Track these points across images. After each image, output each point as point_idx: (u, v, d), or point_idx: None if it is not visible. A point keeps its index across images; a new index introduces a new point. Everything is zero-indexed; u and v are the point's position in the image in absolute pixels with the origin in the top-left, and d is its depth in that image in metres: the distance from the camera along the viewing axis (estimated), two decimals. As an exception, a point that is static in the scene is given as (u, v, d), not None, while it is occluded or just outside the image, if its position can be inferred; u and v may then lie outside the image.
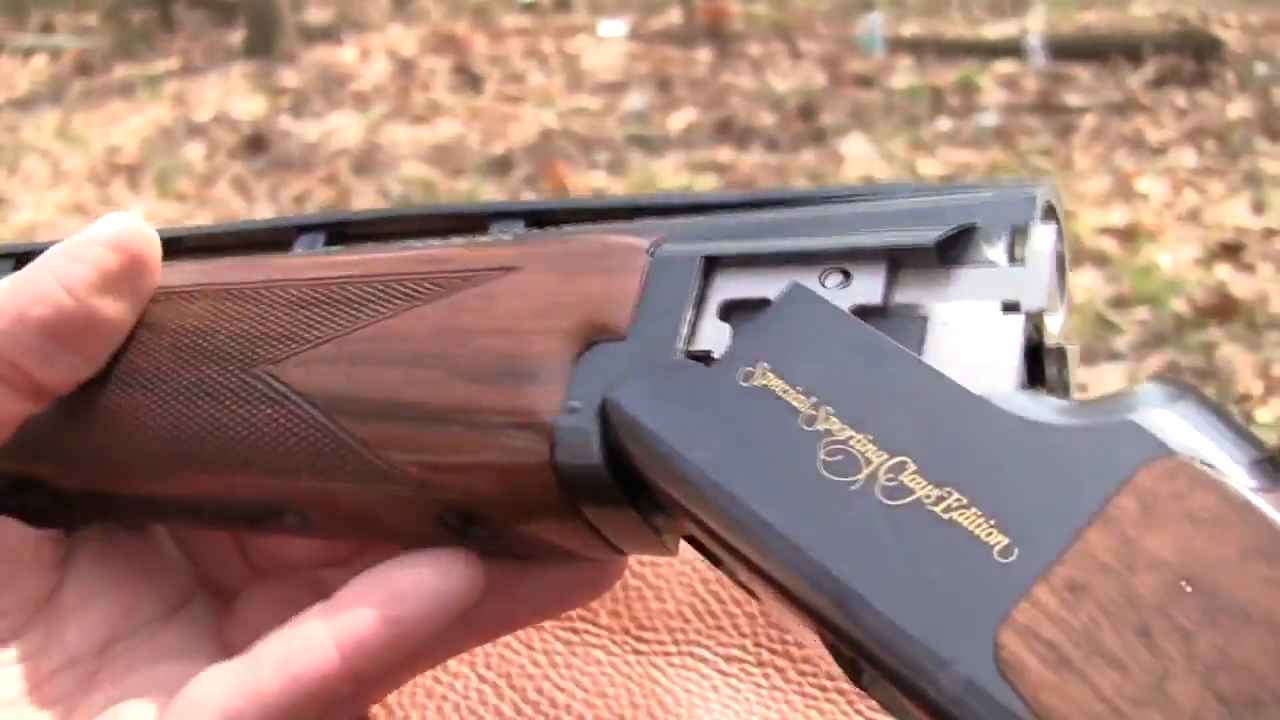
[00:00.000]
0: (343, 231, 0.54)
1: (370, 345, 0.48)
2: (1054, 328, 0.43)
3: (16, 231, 3.66)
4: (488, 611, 0.48)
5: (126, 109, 4.59)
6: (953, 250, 0.43)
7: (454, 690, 0.60)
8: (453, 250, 0.50)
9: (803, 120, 3.87)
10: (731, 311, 0.45)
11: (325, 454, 0.47)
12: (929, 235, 0.43)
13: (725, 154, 3.67)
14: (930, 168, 3.48)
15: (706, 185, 3.46)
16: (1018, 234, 0.43)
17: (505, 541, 0.47)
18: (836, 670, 0.43)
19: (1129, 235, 3.06)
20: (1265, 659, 0.35)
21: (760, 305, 0.44)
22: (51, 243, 0.50)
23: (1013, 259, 0.43)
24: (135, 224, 0.49)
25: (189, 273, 0.52)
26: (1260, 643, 0.35)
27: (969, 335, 0.42)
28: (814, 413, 0.41)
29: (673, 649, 0.60)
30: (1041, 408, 0.40)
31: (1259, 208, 3.22)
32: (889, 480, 0.39)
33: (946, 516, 0.38)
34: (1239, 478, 0.37)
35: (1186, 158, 3.51)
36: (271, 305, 0.50)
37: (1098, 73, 4.09)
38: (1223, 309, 2.75)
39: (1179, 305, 2.77)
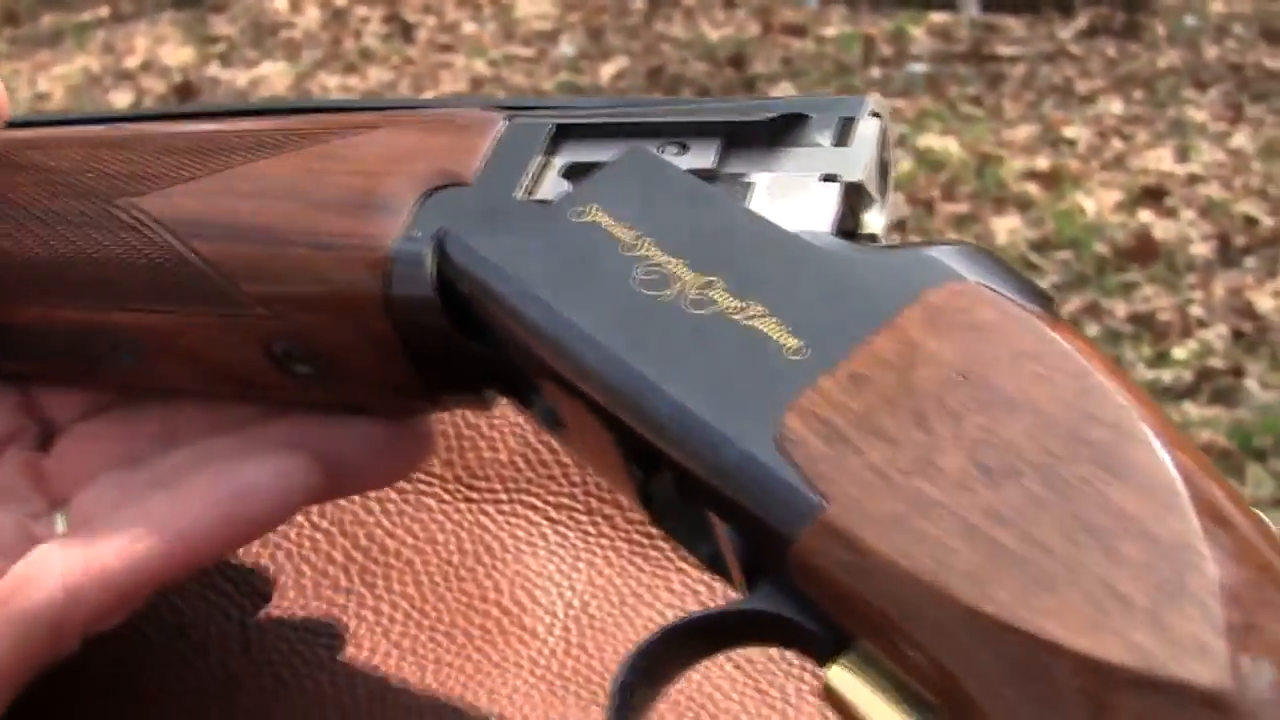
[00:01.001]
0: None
1: (233, 181, 0.50)
2: (872, 222, 0.46)
3: (-59, 178, 3.63)
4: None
5: (54, 57, 4.55)
6: (784, 134, 0.47)
7: (287, 539, 0.60)
8: (319, 116, 0.53)
9: (733, 68, 3.87)
10: (574, 172, 0.48)
11: (172, 276, 0.50)
12: (763, 115, 0.47)
13: (655, 101, 3.66)
14: (859, 115, 3.48)
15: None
16: (845, 124, 0.47)
17: (325, 382, 0.49)
18: None
19: (1053, 180, 3.07)
20: (1027, 438, 0.38)
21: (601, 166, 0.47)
22: None
23: (838, 144, 0.46)
24: None
25: (64, 130, 0.55)
26: (1024, 425, 0.38)
27: (788, 198, 0.45)
28: (635, 242, 0.44)
29: (503, 497, 0.61)
30: (847, 245, 0.44)
31: (1183, 155, 3.23)
32: (696, 294, 0.43)
33: (746, 322, 0.42)
34: (1021, 301, 0.40)
35: (1114, 106, 3.53)
36: (142, 150, 0.52)
37: (1030, 24, 4.10)
38: (1144, 251, 2.76)
39: (1101, 248, 2.79)
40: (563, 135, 0.49)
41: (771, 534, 0.39)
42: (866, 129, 0.46)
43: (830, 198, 0.45)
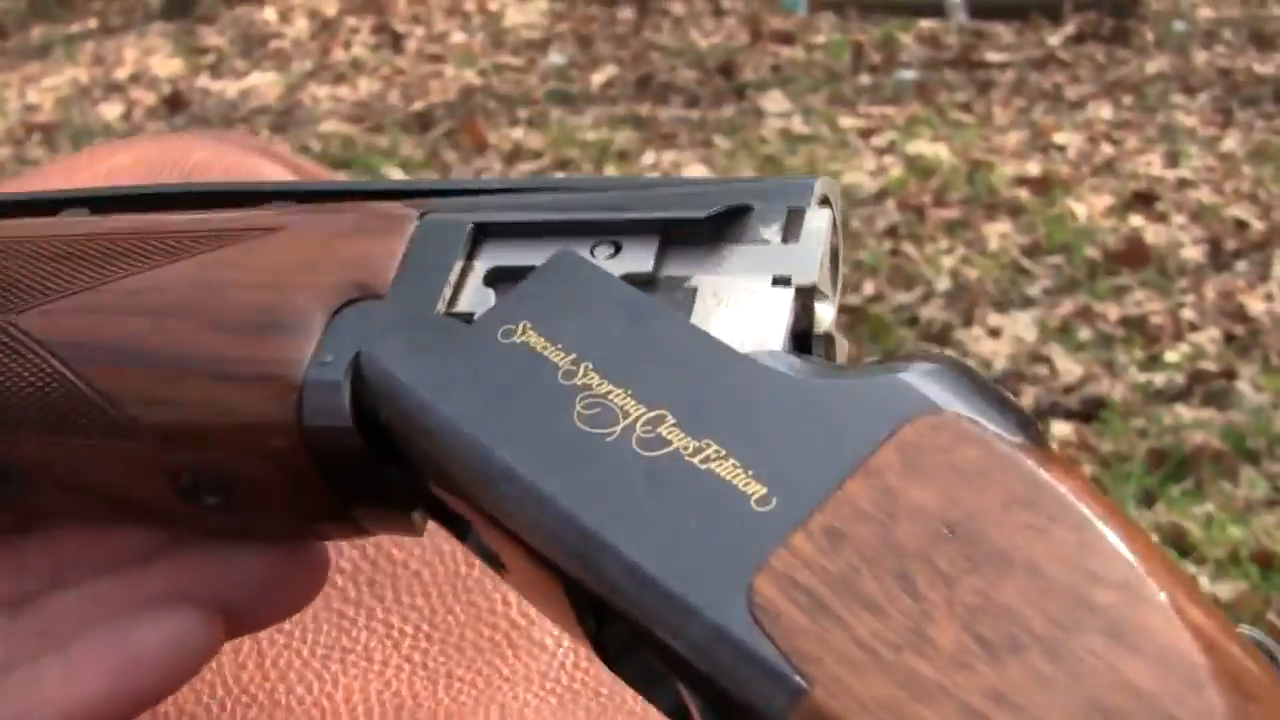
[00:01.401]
0: (109, 208, 0.52)
1: (120, 297, 0.46)
2: (825, 317, 0.43)
3: (-69, 191, 3.63)
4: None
5: (43, 69, 4.55)
6: (727, 228, 0.43)
7: None
8: (215, 214, 0.48)
9: (724, 77, 3.88)
10: (498, 278, 0.43)
11: (59, 405, 0.45)
12: (702, 210, 0.43)
13: (645, 109, 3.67)
14: (850, 121, 3.49)
15: (626, 140, 3.47)
16: (793, 216, 0.43)
17: (238, 514, 0.45)
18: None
19: (1044, 185, 3.08)
20: (1026, 603, 0.34)
21: (528, 272, 0.43)
22: None
23: (786, 240, 0.43)
24: None
25: None
26: (1021, 588, 0.34)
27: (737, 306, 0.41)
28: (573, 368, 0.40)
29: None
30: (807, 367, 0.39)
31: (1173, 160, 3.24)
32: (646, 432, 0.39)
33: (704, 467, 0.37)
34: (1005, 434, 0.36)
35: (1104, 112, 3.53)
36: (18, 257, 0.48)
37: (1019, 30, 4.11)
38: (1135, 256, 2.77)
39: (1092, 252, 2.79)
40: (483, 234, 0.45)
41: (750, 716, 0.35)
42: (817, 221, 0.43)
43: (783, 306, 0.41)
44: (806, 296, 0.41)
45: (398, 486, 0.43)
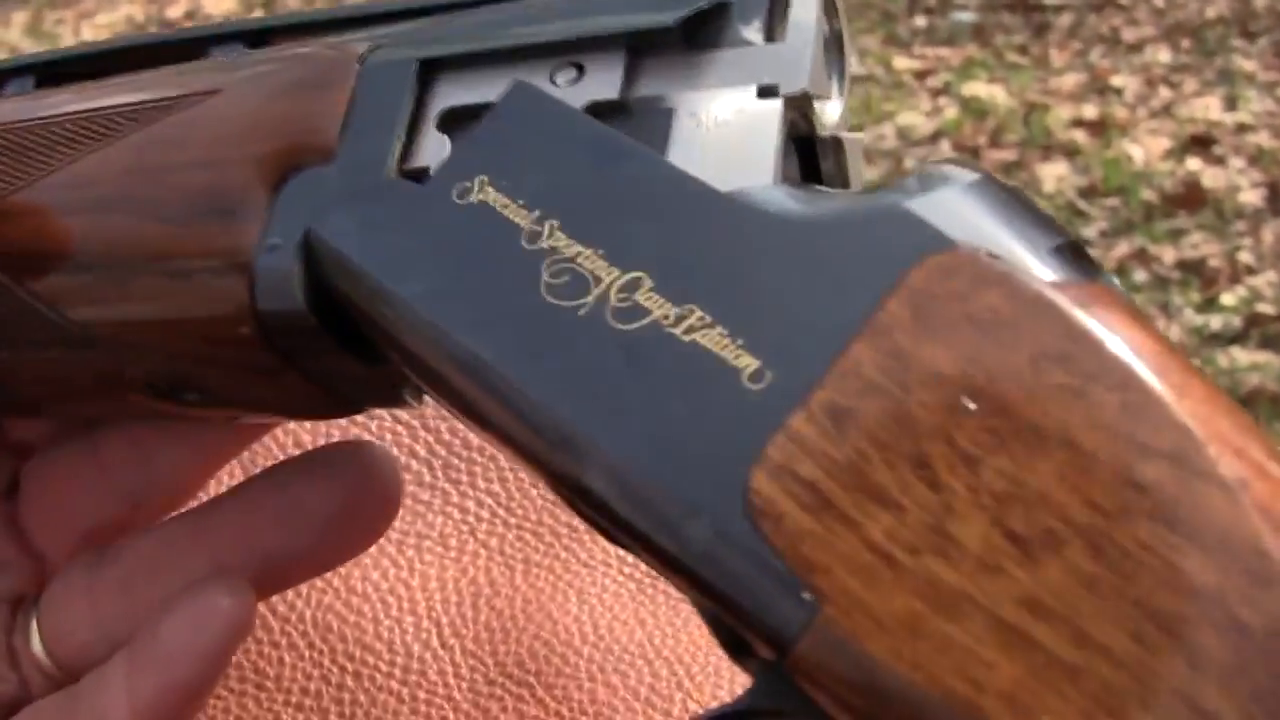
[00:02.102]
0: (54, 73, 0.47)
1: (58, 192, 0.41)
2: (830, 116, 0.38)
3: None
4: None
5: (98, 6, 4.55)
6: (703, 33, 0.37)
7: (368, 431, 0.58)
8: (152, 76, 0.43)
9: (778, 17, 3.86)
10: (453, 121, 0.38)
11: (12, 320, 0.42)
12: (671, 15, 0.37)
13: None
14: (905, 63, 3.46)
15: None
16: (776, 8, 0.37)
17: (227, 405, 0.42)
18: None
19: (1101, 128, 3.05)
20: (1063, 486, 0.29)
21: (484, 111, 0.38)
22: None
23: (771, 38, 0.37)
24: None
25: None
26: (1056, 467, 0.29)
27: (720, 127, 0.36)
28: (538, 228, 0.35)
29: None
30: (803, 202, 0.34)
31: (1231, 104, 3.20)
32: (621, 301, 0.33)
33: (688, 339, 0.32)
34: (1034, 269, 0.31)
35: (1162, 55, 3.49)
36: None
37: (1076, -27, 4.07)
38: (1191, 199, 2.74)
39: (1149, 195, 2.77)
40: (432, 70, 0.39)
41: (761, 632, 0.31)
42: (802, 10, 0.37)
43: (770, 122, 0.35)
44: (799, 104, 0.36)
45: (373, 374, 0.40)
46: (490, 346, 0.34)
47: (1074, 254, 0.32)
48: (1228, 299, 2.47)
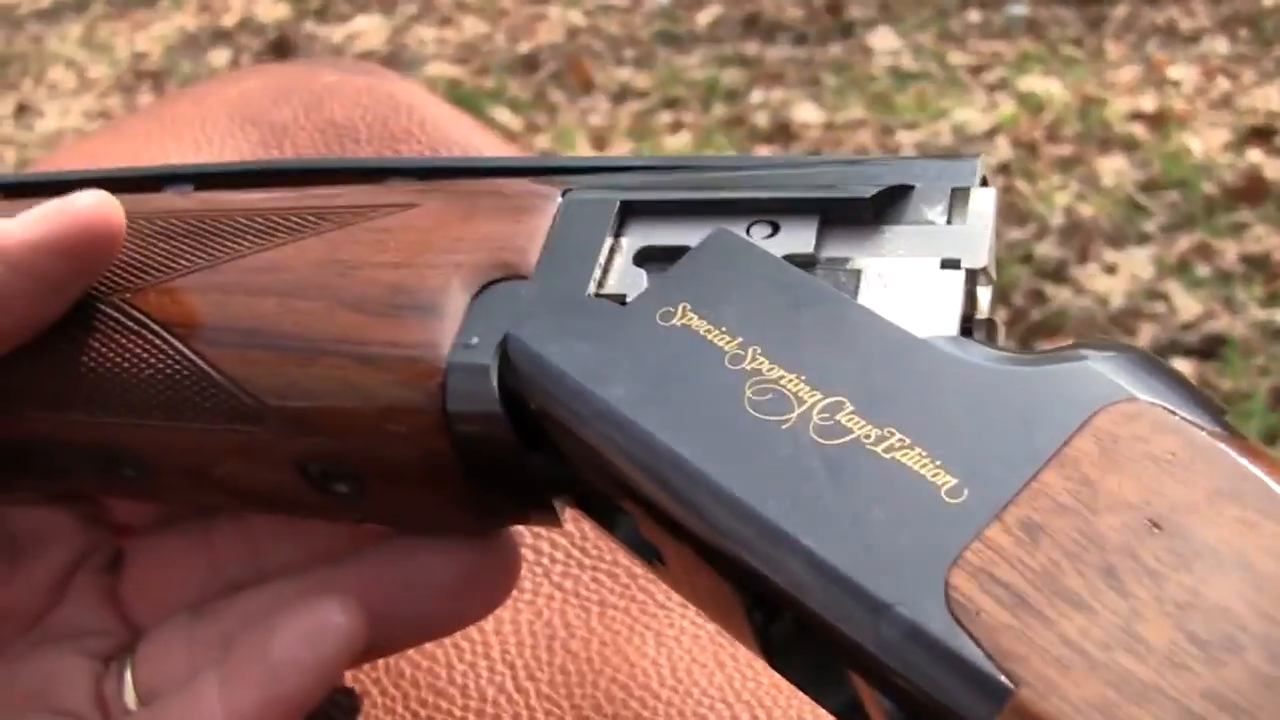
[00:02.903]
0: (213, 184, 0.49)
1: (245, 275, 0.44)
2: (984, 301, 0.41)
3: (43, 139, 3.66)
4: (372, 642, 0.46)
5: (151, 16, 4.57)
6: (889, 209, 0.41)
7: None
8: (343, 189, 0.46)
9: (830, 14, 3.83)
10: (648, 259, 0.42)
11: (182, 388, 0.43)
12: (865, 189, 0.41)
13: (752, 48, 3.64)
14: (960, 58, 3.44)
15: (734, 78, 3.44)
16: (957, 195, 0.42)
17: (371, 503, 0.44)
18: None
19: (1159, 121, 3.02)
20: (1240, 601, 0.32)
21: (680, 253, 0.41)
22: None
23: (951, 220, 0.41)
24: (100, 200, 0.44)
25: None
26: (1234, 586, 0.32)
27: (906, 290, 0.40)
28: (740, 352, 0.38)
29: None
30: (988, 353, 0.38)
31: (1291, 92, 3.18)
32: (823, 420, 0.37)
33: (889, 456, 0.36)
34: (1202, 423, 0.35)
35: (1219, 45, 3.46)
36: (135, 236, 0.45)
37: (1130, -36, 4.04)
38: (1253, 191, 2.71)
39: (1209, 188, 2.74)
40: (630, 212, 0.43)
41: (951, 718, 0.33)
42: (982, 201, 0.41)
43: (954, 289, 0.39)
44: (974, 280, 0.40)
45: (541, 475, 0.41)
46: (693, 448, 0.37)
47: (1220, 413, 0.36)
48: (1292, 293, 2.44)
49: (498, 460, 0.41)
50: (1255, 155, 2.88)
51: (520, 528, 0.56)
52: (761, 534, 0.36)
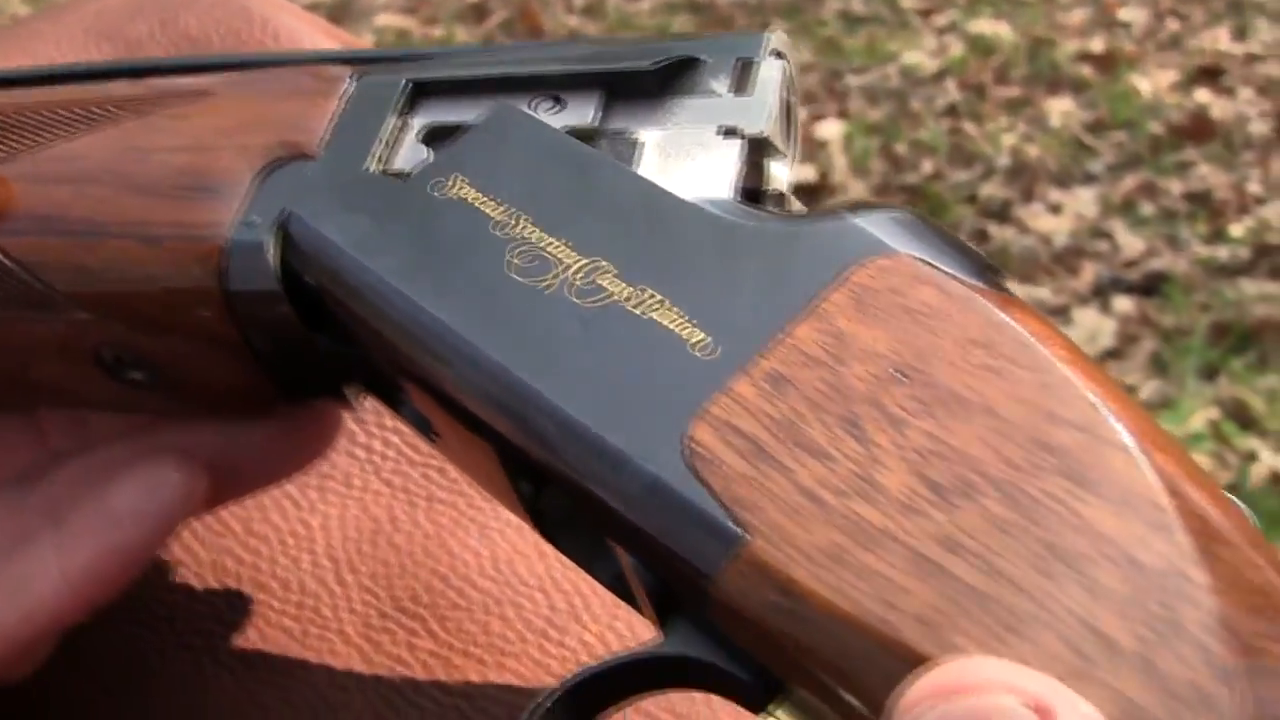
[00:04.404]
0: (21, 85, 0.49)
1: (43, 165, 0.44)
2: (779, 176, 0.42)
3: None
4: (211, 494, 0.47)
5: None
6: (674, 82, 0.42)
7: None
8: (145, 82, 0.47)
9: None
10: (435, 136, 0.43)
11: None
12: (646, 61, 0.42)
13: (703, -6, 3.63)
14: (910, 2, 3.43)
15: (684, 24, 3.43)
16: (744, 68, 0.42)
17: (166, 387, 0.44)
18: None
19: (1108, 62, 3.02)
20: (980, 445, 0.33)
21: (467, 129, 0.42)
22: None
23: (736, 92, 0.42)
24: None
25: None
26: (975, 430, 0.33)
27: (684, 158, 0.40)
28: (508, 220, 0.39)
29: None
30: (754, 213, 0.39)
31: (1241, 34, 3.17)
32: (583, 281, 0.37)
33: (644, 315, 0.37)
34: (962, 276, 0.36)
35: (1170, -13, 3.47)
36: None
37: (1084, -93, 4.04)
38: (1200, 130, 2.72)
39: (1156, 128, 2.74)
40: (420, 93, 0.44)
41: (685, 570, 0.34)
42: (768, 72, 0.42)
43: (730, 156, 0.40)
44: (756, 149, 0.41)
45: (328, 358, 0.42)
46: (453, 313, 0.38)
47: (990, 271, 0.37)
48: (1236, 230, 2.44)
49: (284, 342, 0.42)
50: (1203, 95, 2.88)
51: (354, 427, 0.56)
52: (513, 394, 0.37)
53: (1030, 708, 0.28)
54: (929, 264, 0.36)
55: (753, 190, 0.41)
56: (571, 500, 0.37)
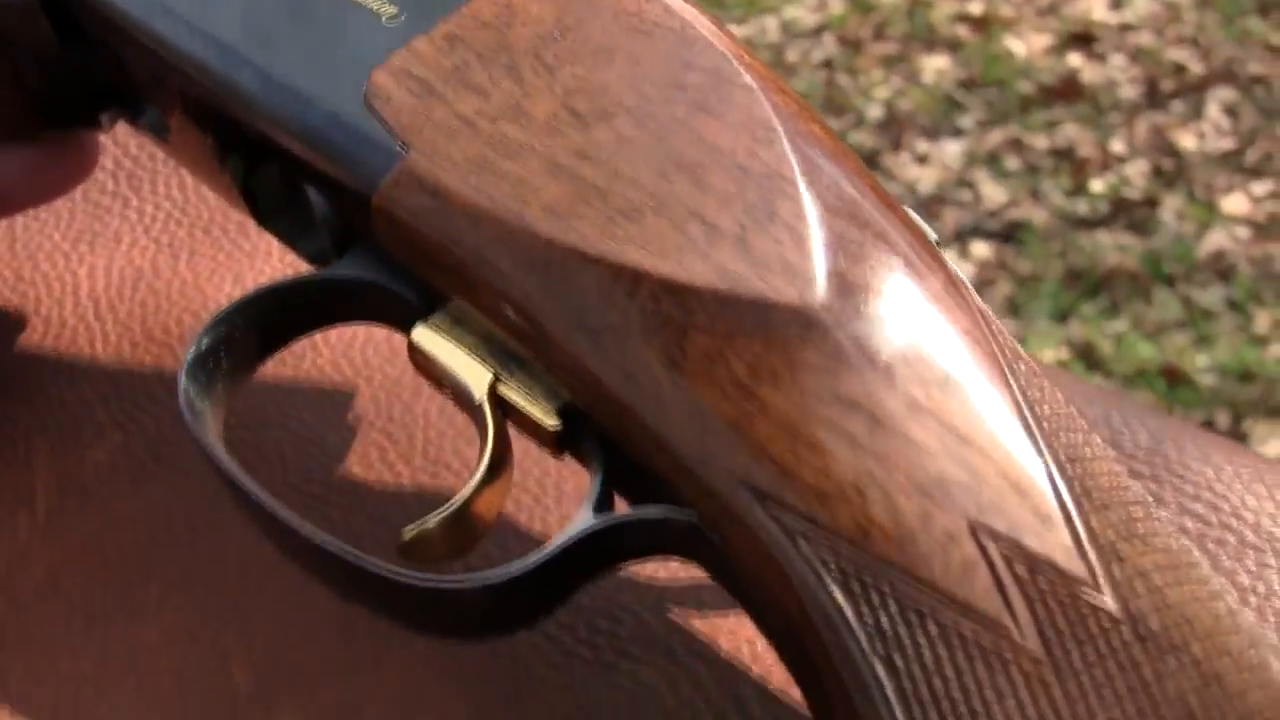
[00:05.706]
0: None
1: None
2: None
3: None
4: None
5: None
6: None
7: None
8: None
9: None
10: None
11: None
12: None
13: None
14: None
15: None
16: None
17: None
18: None
19: (985, 24, 3.06)
20: (622, 84, 0.38)
21: None
22: None
23: None
24: None
25: None
26: (618, 72, 0.38)
27: None
28: None
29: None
30: None
31: (1117, 4, 3.22)
32: None
33: None
34: None
35: (1049, -45, 3.51)
36: None
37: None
38: (1069, 91, 2.76)
39: (1026, 88, 2.79)
40: None
41: (355, 190, 0.39)
42: None
43: None
44: None
45: (82, 75, 0.45)
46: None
47: None
48: (1097, 185, 2.49)
49: (42, 61, 0.44)
50: (1075, 60, 2.93)
51: (130, 194, 0.58)
52: (224, 59, 0.41)
53: None
54: None
55: None
56: (271, 157, 0.42)
